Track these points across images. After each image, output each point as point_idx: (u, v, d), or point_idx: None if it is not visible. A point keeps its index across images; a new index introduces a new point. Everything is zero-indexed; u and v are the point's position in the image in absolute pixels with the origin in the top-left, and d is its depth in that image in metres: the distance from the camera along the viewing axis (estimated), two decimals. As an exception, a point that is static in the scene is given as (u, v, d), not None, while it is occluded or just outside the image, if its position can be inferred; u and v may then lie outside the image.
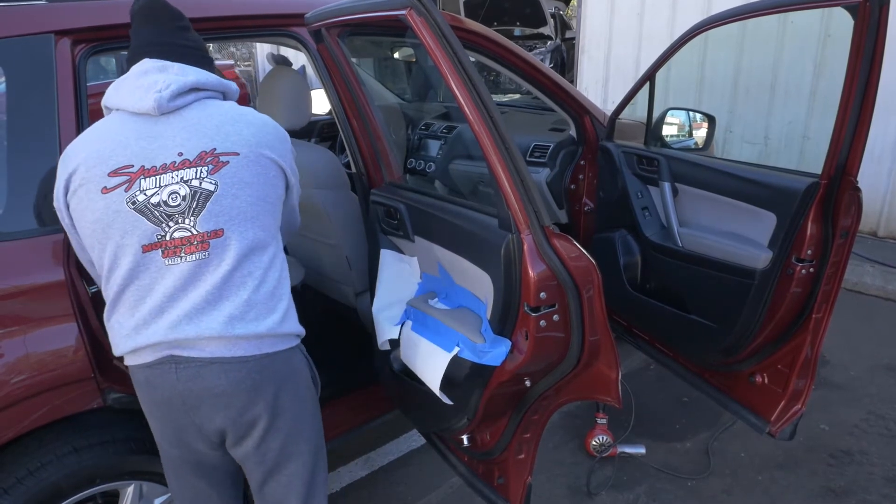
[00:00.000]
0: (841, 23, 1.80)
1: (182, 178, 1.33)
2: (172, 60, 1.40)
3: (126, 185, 1.31)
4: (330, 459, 2.58)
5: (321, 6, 1.87)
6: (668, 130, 2.77)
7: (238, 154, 1.36)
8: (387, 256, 1.96)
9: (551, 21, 9.63)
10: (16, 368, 1.50)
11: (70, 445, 1.61)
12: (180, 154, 1.34)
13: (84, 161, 1.33)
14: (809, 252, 1.98)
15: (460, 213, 1.70)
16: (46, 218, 1.54)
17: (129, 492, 1.76)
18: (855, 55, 1.75)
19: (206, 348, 1.34)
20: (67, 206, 1.36)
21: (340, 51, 1.97)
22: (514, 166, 1.41)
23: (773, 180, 2.08)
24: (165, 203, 1.32)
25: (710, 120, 2.88)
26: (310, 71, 4.63)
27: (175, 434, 1.43)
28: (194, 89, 1.39)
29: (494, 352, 1.55)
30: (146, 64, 1.38)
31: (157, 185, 1.32)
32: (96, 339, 1.57)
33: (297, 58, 7.76)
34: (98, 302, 1.59)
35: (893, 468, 2.49)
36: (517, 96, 6.40)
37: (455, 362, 1.66)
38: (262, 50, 10.88)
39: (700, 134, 2.90)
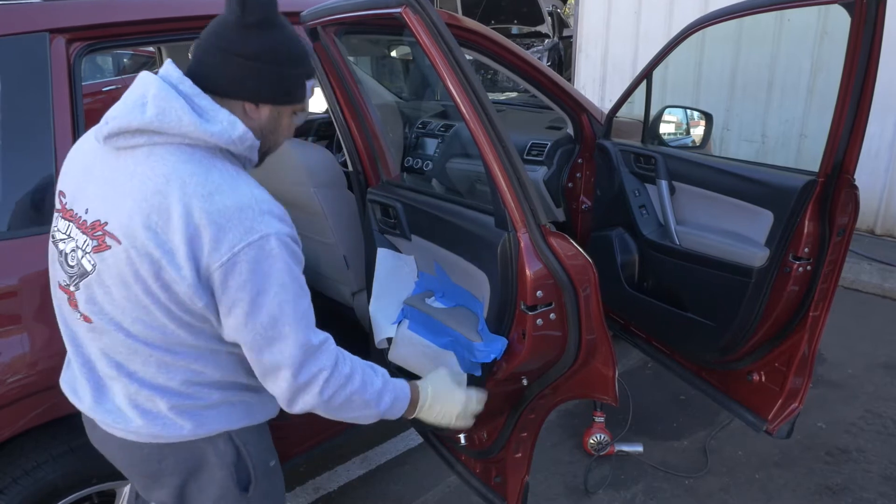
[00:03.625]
0: (838, 20, 1.80)
1: (76, 242, 1.13)
2: (202, 72, 1.13)
3: (57, 214, 1.21)
4: (328, 458, 2.60)
5: (317, 4, 1.86)
6: (665, 128, 2.77)
7: (120, 243, 1.07)
8: (384, 255, 1.96)
9: (549, 19, 9.64)
10: (12, 368, 1.49)
11: (66, 445, 1.61)
12: (86, 211, 1.12)
13: (64, 164, 1.24)
14: (806, 250, 1.98)
15: (457, 211, 1.70)
16: (42, 217, 1.53)
17: (125, 491, 1.76)
18: (852, 53, 1.75)
19: (104, 414, 1.21)
20: None
21: (337, 49, 1.97)
22: (510, 165, 1.40)
23: (771, 178, 2.08)
24: (64, 254, 1.17)
25: (708, 118, 2.88)
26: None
27: None
28: (146, 131, 1.07)
29: (491, 350, 1.55)
30: (160, 72, 1.13)
31: (67, 235, 1.16)
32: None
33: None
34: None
35: (890, 466, 2.50)
36: (514, 94, 6.41)
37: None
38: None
39: (697, 132, 2.90)
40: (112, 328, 1.13)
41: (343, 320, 2.40)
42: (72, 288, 1.16)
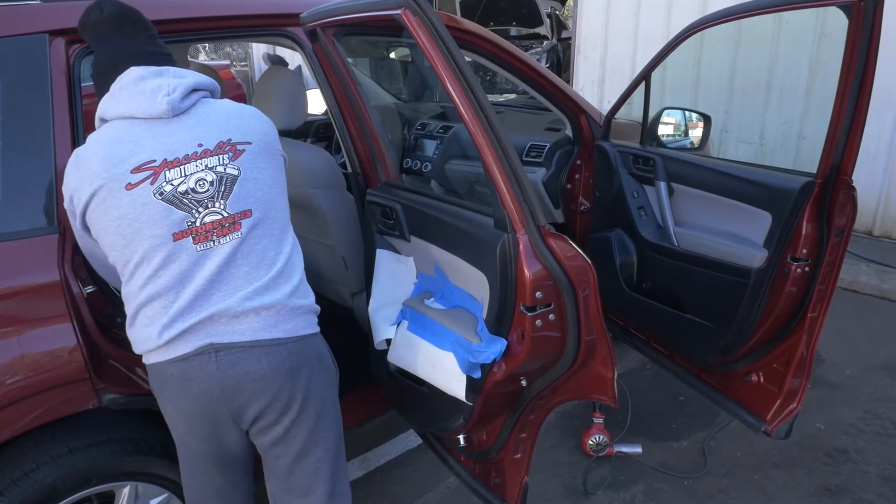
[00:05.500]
0: (836, 22, 1.81)
1: (207, 166, 1.39)
2: (157, 66, 1.44)
3: (151, 179, 1.35)
4: (326, 460, 2.60)
5: (316, 6, 1.87)
6: (663, 130, 2.77)
7: (251, 143, 1.45)
8: (383, 256, 1.96)
9: (547, 21, 9.64)
10: (11, 369, 1.49)
11: (65, 446, 1.61)
12: (200, 145, 1.40)
13: (101, 163, 1.35)
14: (805, 251, 1.99)
15: (456, 212, 1.70)
16: (41, 218, 1.53)
17: (124, 493, 1.75)
18: (849, 54, 1.75)
19: (246, 332, 1.38)
20: (84, 211, 1.37)
21: (336, 51, 1.97)
22: (509, 166, 1.41)
23: (769, 180, 2.09)
24: (193, 190, 1.37)
25: (706, 119, 2.89)
26: (305, 71, 4.63)
27: (209, 427, 1.44)
28: (195, 90, 1.45)
29: (490, 351, 1.55)
30: (138, 71, 1.41)
31: (183, 175, 1.37)
32: (91, 339, 1.57)
33: (293, 58, 7.77)
34: (93, 303, 1.59)
35: (889, 467, 2.50)
36: (513, 96, 6.41)
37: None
38: (259, 50, 10.87)
39: (696, 133, 2.91)
40: (268, 208, 1.43)
41: (342, 322, 2.41)
42: (209, 211, 1.37)
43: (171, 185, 1.36)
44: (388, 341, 1.91)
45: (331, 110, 2.07)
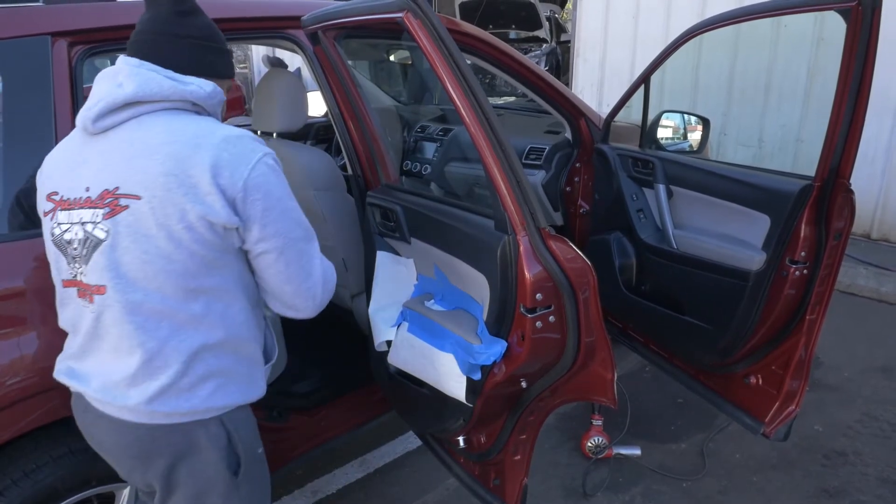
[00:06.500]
0: (834, 26, 1.82)
1: (81, 220, 1.18)
2: (158, 56, 1.23)
3: (51, 215, 1.24)
4: (326, 461, 2.60)
5: (318, 9, 1.87)
6: (662, 133, 2.78)
7: (140, 198, 1.14)
8: (383, 258, 1.96)
9: (546, 24, 9.66)
10: (11, 370, 1.49)
11: (66, 447, 1.61)
12: (87, 189, 1.19)
13: (39, 175, 1.31)
14: (803, 254, 1.99)
15: (456, 214, 1.71)
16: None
17: (124, 494, 1.76)
18: (848, 58, 1.76)
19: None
20: None
21: (337, 53, 1.98)
22: (510, 168, 1.41)
23: (767, 182, 2.09)
24: (69, 243, 1.21)
25: (705, 123, 2.89)
26: (305, 73, 4.64)
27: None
28: (132, 104, 1.19)
29: (490, 352, 1.55)
30: (116, 65, 1.24)
31: (69, 221, 1.21)
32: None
33: (293, 60, 7.77)
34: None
35: (887, 469, 2.51)
36: (513, 99, 6.42)
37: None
38: (258, 52, 10.88)
39: (695, 136, 2.91)
40: (128, 290, 1.17)
41: (342, 323, 2.41)
42: (80, 270, 1.20)
43: (60, 229, 1.22)
44: (389, 343, 1.91)
45: (331, 112, 2.08)
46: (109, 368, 1.23)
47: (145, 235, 1.15)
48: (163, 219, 1.14)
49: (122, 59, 1.24)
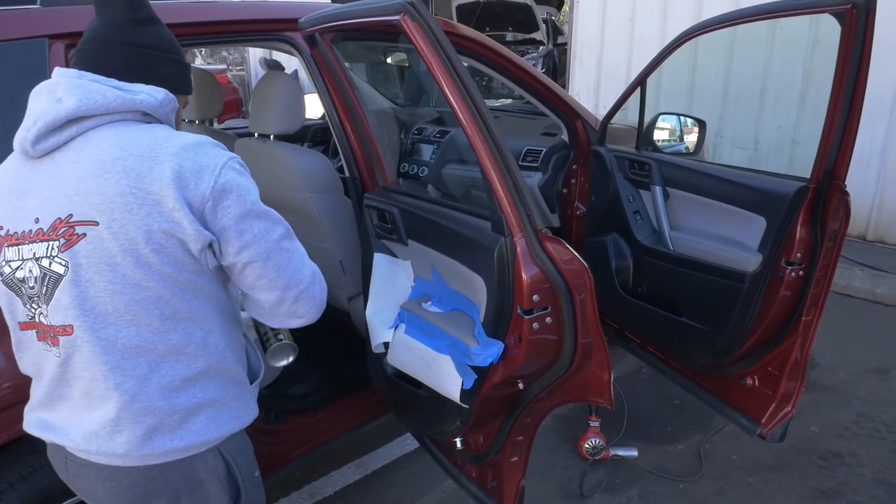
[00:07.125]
0: (829, 29, 1.83)
1: (35, 255, 1.06)
2: (105, 66, 1.11)
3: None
4: (324, 463, 2.60)
5: (315, 11, 1.88)
6: (659, 135, 2.79)
7: (97, 224, 1.03)
8: (380, 260, 1.97)
9: (543, 26, 9.67)
10: (8, 372, 1.49)
11: (63, 450, 1.60)
12: (36, 221, 1.06)
13: None
14: (799, 255, 2.00)
15: (453, 216, 1.71)
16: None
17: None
18: (842, 60, 1.77)
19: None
20: None
21: (334, 55, 1.98)
22: (507, 170, 1.42)
23: (763, 184, 2.10)
24: (24, 281, 1.08)
25: (701, 125, 2.91)
26: (303, 75, 4.63)
27: None
28: (75, 120, 1.06)
29: (487, 354, 1.55)
30: (53, 77, 1.10)
31: (20, 258, 1.08)
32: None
33: (290, 62, 7.77)
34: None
35: (883, 470, 2.52)
36: (509, 101, 6.42)
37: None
38: (255, 54, 10.88)
39: (691, 138, 2.93)
40: (99, 327, 1.07)
41: (339, 325, 2.41)
42: (40, 311, 1.09)
43: (10, 267, 1.09)
44: (386, 345, 1.92)
45: (329, 114, 2.08)
46: (84, 417, 1.13)
47: (109, 264, 1.04)
48: (127, 244, 1.03)
49: (59, 71, 1.11)
